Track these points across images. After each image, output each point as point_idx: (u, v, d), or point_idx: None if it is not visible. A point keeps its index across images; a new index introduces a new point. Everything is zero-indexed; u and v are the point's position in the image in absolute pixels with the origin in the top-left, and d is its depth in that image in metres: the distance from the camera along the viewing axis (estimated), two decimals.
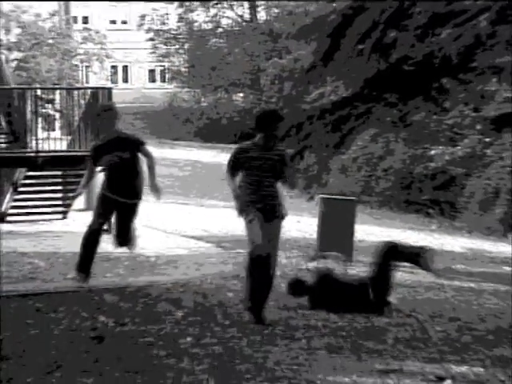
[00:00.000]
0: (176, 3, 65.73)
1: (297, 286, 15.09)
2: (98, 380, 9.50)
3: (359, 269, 19.27)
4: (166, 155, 43.16)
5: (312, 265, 19.96)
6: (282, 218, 13.18)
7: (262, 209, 12.66)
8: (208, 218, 27.79)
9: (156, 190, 15.88)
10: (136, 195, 15.77)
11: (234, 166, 12.99)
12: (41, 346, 11.10)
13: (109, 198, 15.55)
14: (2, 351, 10.55)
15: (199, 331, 12.02)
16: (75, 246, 19.73)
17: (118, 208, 15.74)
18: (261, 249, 12.20)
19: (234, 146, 47.97)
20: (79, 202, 25.59)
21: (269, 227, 12.64)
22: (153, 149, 45.06)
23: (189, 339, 11.43)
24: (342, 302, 14.31)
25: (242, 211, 12.67)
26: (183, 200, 32.95)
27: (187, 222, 26.07)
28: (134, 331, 11.98)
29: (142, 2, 65.38)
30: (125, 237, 16.22)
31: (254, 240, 12.35)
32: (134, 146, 15.52)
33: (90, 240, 15.66)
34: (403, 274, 18.02)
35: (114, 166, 15.21)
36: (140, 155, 15.59)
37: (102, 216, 15.88)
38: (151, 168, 15.76)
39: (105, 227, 16.16)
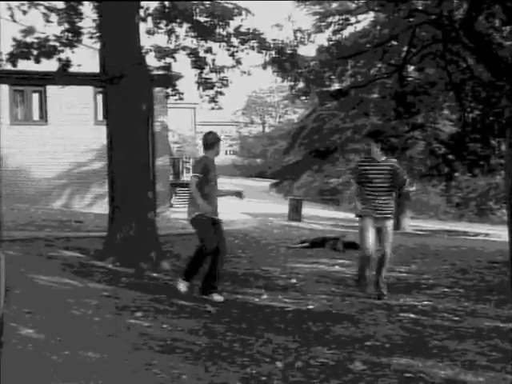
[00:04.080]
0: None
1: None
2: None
3: (304, 225, 19.13)
4: (234, 182, 42.87)
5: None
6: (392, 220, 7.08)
7: (377, 214, 6.79)
8: (250, 207, 27.68)
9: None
10: None
11: (356, 176, 6.94)
12: (183, 251, 10.83)
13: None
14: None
15: (243, 248, 11.69)
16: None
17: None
18: (368, 251, 6.77)
19: (258, 179, 45.42)
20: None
21: (383, 230, 6.86)
22: (230, 179, 44.08)
23: (239, 251, 11.07)
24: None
25: (359, 215, 6.96)
26: (243, 199, 32.64)
27: (242, 208, 26.03)
28: None
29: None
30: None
31: (364, 244, 6.81)
32: None
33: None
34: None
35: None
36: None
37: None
38: None
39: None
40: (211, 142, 6.58)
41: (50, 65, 10.88)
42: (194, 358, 4.14)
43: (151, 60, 11.97)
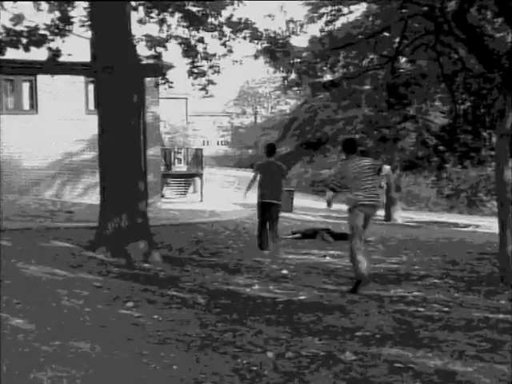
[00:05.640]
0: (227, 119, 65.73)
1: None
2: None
3: (296, 216, 19.14)
4: (226, 172, 42.98)
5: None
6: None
7: (368, 205, 6.77)
8: (238, 198, 27.55)
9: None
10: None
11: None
12: (174, 241, 10.53)
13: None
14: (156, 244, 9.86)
15: (235, 238, 11.84)
16: (190, 206, 19.79)
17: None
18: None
19: (249, 170, 45.73)
20: (192, 189, 25.64)
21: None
22: (222, 170, 43.96)
23: (231, 241, 11.22)
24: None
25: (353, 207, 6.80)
26: (235, 190, 32.56)
27: (234, 198, 25.96)
28: (209, 238, 11.66)
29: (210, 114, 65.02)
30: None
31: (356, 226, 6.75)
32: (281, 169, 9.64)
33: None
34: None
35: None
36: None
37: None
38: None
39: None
40: (274, 150, 9.78)
41: (40, 54, 10.77)
42: (185, 348, 4.14)
43: (142, 49, 11.89)
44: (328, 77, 14.66)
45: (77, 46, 12.11)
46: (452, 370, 3.89)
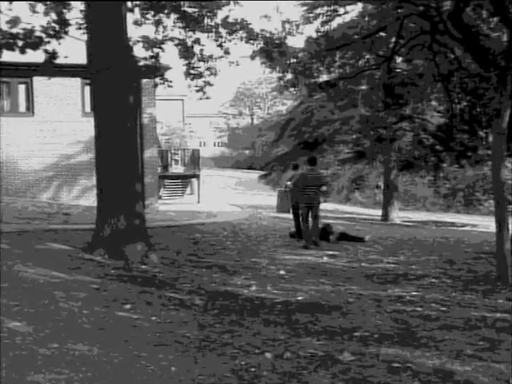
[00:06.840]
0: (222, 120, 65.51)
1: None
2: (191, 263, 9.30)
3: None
4: (223, 173, 42.91)
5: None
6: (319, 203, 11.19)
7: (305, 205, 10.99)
8: (239, 199, 27.50)
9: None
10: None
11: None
12: (171, 243, 10.54)
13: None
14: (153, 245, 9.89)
15: (232, 239, 11.87)
16: (187, 207, 19.74)
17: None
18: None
19: (246, 171, 45.15)
20: (189, 190, 25.61)
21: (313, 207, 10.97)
22: (219, 171, 43.67)
23: (228, 242, 11.22)
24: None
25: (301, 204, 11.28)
26: (233, 191, 32.44)
27: (231, 199, 25.88)
28: (206, 239, 11.62)
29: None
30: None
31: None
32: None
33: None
34: None
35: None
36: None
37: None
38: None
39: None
40: (298, 166, 13.28)
41: (36, 56, 10.74)
42: (183, 349, 4.13)
43: (139, 51, 11.87)
44: (324, 77, 14.64)
45: (73, 48, 12.07)
46: (450, 370, 3.89)
